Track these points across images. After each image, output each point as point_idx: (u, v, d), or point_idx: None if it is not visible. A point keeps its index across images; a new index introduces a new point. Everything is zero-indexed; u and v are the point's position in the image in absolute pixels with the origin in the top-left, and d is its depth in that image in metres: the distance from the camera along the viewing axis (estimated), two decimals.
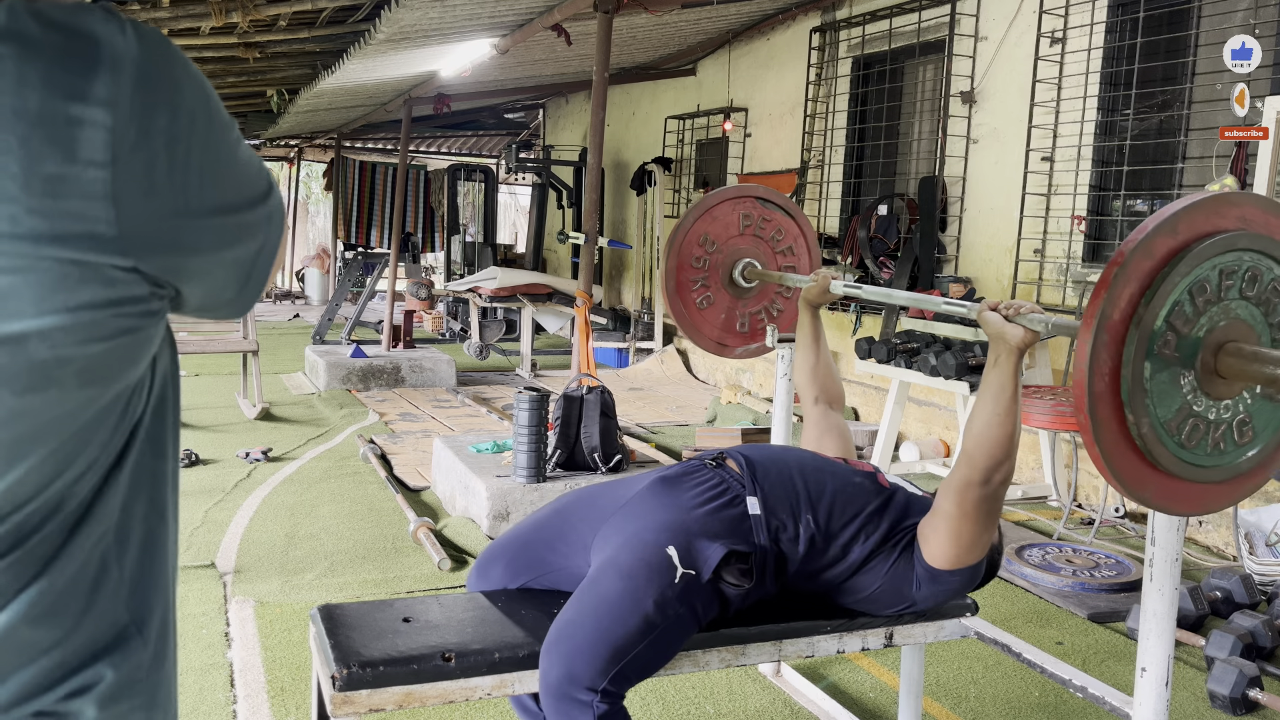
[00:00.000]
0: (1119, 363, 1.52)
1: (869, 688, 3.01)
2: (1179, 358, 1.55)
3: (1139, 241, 1.50)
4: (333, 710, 1.82)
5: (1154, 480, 1.59)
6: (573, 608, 1.95)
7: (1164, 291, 1.50)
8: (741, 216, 3.02)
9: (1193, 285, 1.52)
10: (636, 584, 1.93)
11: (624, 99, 10.59)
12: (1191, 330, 1.55)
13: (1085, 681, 2.06)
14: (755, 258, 3.05)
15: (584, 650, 1.87)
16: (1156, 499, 1.61)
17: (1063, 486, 4.99)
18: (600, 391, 4.35)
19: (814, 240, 3.16)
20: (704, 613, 2.01)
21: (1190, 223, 1.54)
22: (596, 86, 5.15)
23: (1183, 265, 1.50)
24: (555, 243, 11.86)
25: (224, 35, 5.90)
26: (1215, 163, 4.63)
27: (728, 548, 1.99)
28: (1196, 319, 1.54)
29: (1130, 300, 1.51)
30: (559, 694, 1.86)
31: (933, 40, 6.28)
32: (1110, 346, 1.51)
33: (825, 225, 7.28)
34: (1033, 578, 3.85)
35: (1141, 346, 1.51)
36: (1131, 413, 1.52)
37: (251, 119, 10.99)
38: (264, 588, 3.60)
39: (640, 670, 1.93)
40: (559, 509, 2.28)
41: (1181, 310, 1.53)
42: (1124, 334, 1.51)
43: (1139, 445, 1.55)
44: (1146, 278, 1.51)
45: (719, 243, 3.01)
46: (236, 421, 6.45)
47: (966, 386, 4.84)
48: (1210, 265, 1.53)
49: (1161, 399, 1.55)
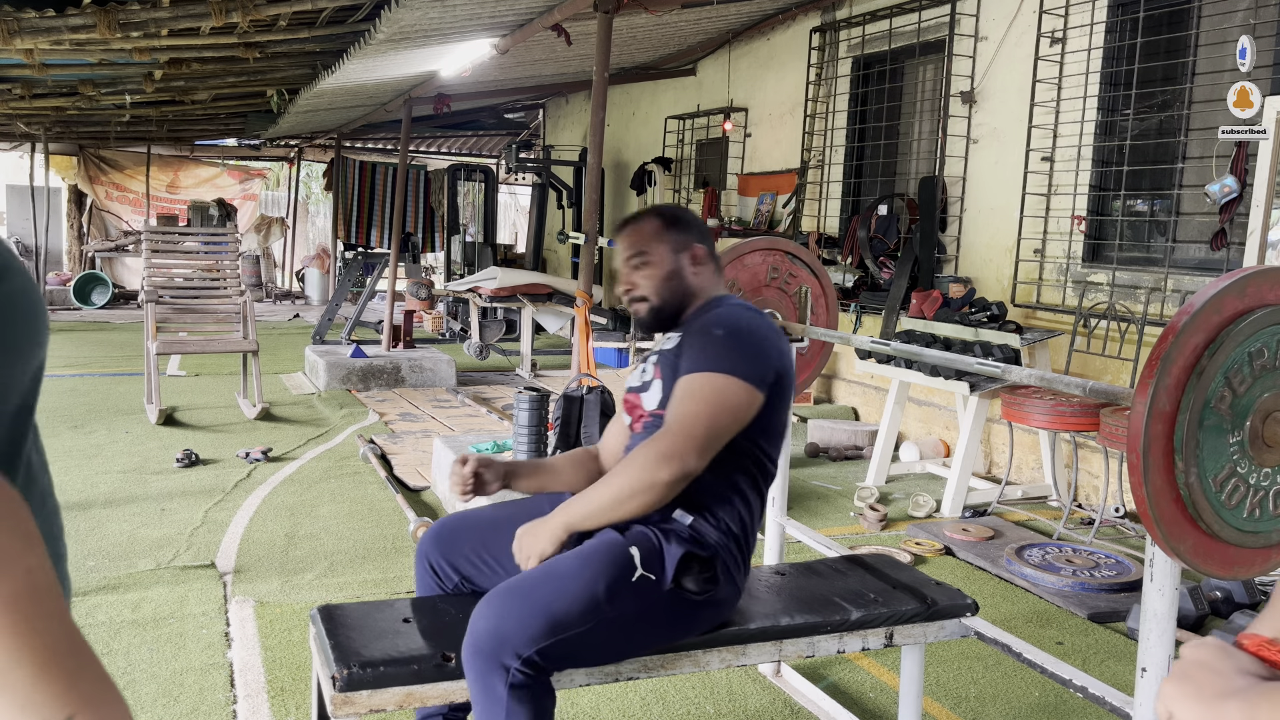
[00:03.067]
0: (1177, 408, 1.54)
1: (869, 688, 3.01)
2: (1232, 416, 1.57)
3: (1209, 297, 1.54)
4: (333, 710, 1.82)
5: (1192, 535, 1.61)
6: (523, 575, 1.92)
7: (1226, 348, 1.54)
8: (770, 269, 3.06)
9: (1252, 349, 1.55)
10: (593, 567, 1.89)
11: (624, 99, 10.59)
12: (1246, 391, 1.57)
13: (1085, 681, 2.06)
14: (778, 309, 3.10)
15: (521, 613, 1.80)
16: (1191, 555, 1.63)
17: (1063, 486, 4.99)
18: (600, 391, 4.35)
19: (834, 301, 3.22)
20: (669, 625, 1.98)
21: (1258, 288, 1.58)
22: (596, 86, 5.15)
23: (1245, 327, 1.54)
24: (555, 243, 11.86)
25: (224, 35, 5.89)
26: (1215, 163, 4.63)
27: (685, 549, 1.96)
28: (1252, 382, 1.57)
29: (1195, 350, 1.55)
30: (480, 650, 1.79)
31: (933, 40, 6.28)
32: (1171, 391, 1.53)
33: (825, 225, 7.28)
34: (1033, 578, 3.85)
35: (1199, 397, 1.54)
36: (1182, 460, 1.54)
37: (251, 119, 10.98)
38: (264, 588, 3.60)
39: (571, 655, 1.86)
40: (536, 501, 2.26)
41: (1240, 370, 1.55)
42: (1185, 381, 1.54)
43: (1183, 495, 1.57)
44: (1213, 330, 1.54)
45: (745, 291, 3.05)
46: (236, 421, 6.45)
47: (967, 386, 4.84)
48: (1271, 333, 1.56)
49: (1210, 454, 1.57)
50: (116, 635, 3.14)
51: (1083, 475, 5.07)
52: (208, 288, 7.46)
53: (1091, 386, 1.95)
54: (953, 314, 5.21)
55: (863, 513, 4.63)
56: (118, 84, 7.95)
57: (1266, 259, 4.05)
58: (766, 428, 2.09)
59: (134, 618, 3.28)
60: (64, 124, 11.68)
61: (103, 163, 15.01)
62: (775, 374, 2.06)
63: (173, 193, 15.53)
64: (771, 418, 2.09)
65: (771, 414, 2.09)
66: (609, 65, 5.20)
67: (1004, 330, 4.93)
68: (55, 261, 15.07)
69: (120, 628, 3.20)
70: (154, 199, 14.89)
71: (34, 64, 6.44)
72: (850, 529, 4.59)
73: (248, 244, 15.30)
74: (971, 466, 4.94)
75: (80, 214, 15.31)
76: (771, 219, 7.96)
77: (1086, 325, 5.01)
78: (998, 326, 4.99)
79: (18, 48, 5.40)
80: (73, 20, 5.08)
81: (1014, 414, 4.55)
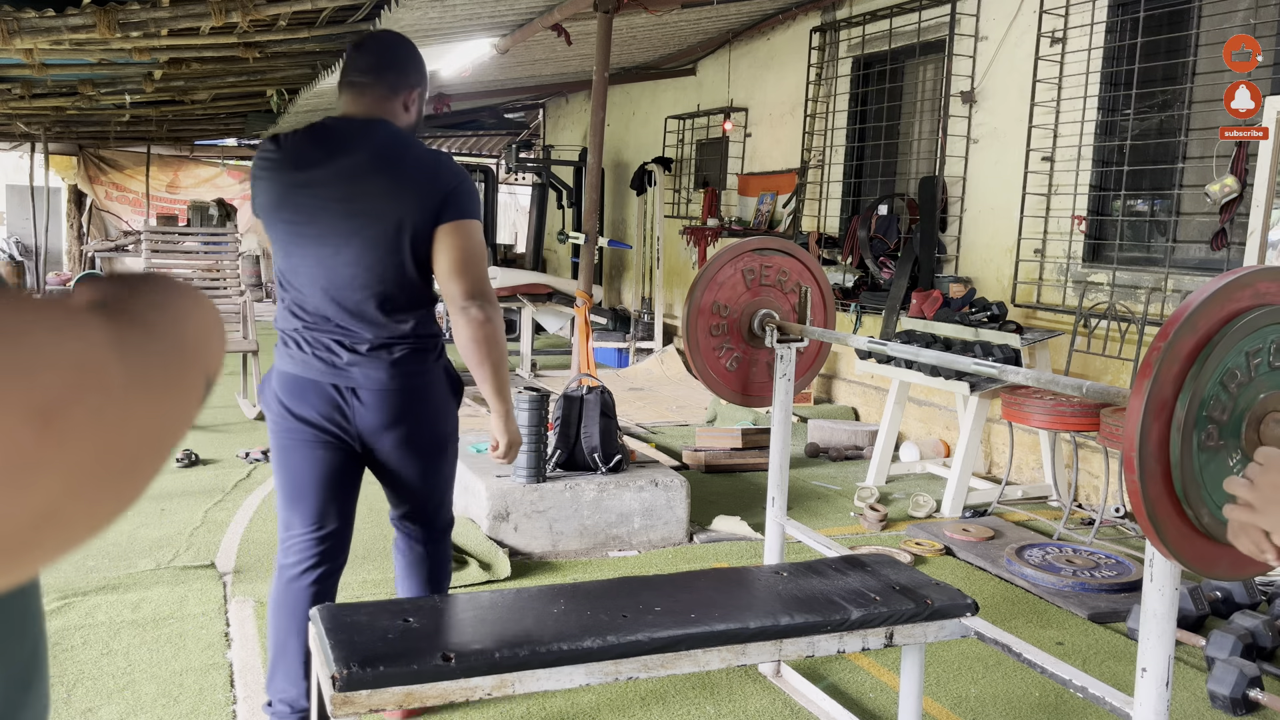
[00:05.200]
0: (1173, 409, 1.56)
1: (869, 688, 3.01)
2: (1228, 417, 1.58)
3: (1205, 298, 1.54)
4: (333, 710, 1.82)
5: (1189, 535, 1.63)
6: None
7: (1221, 349, 1.54)
8: (744, 273, 3.05)
9: (1248, 350, 1.56)
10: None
11: (624, 99, 10.59)
12: (1242, 392, 1.58)
13: (1085, 681, 2.05)
14: (769, 307, 3.10)
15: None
16: (1188, 555, 1.63)
17: (1063, 486, 4.99)
18: (600, 391, 4.35)
19: (819, 271, 3.19)
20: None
21: (1255, 288, 1.58)
22: (596, 86, 5.15)
23: (1242, 327, 1.55)
24: (555, 243, 11.86)
25: (224, 35, 5.89)
26: (1215, 163, 4.63)
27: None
28: (1249, 382, 1.58)
29: (1191, 351, 1.56)
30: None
31: (933, 40, 6.27)
32: (1167, 391, 1.56)
33: (825, 225, 7.28)
34: (1033, 578, 3.85)
35: (1195, 398, 1.55)
36: (1178, 461, 1.55)
37: (251, 119, 10.97)
38: (264, 588, 3.59)
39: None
40: None
41: (1236, 371, 1.56)
42: (1181, 382, 1.56)
43: (1180, 496, 1.58)
44: (1209, 331, 1.55)
45: (731, 306, 3.06)
46: (236, 421, 6.45)
47: (967, 386, 4.84)
48: (1268, 333, 1.56)
49: (1207, 455, 1.58)
50: (116, 635, 3.14)
51: (1083, 475, 5.07)
52: (208, 288, 7.46)
53: (1088, 387, 1.95)
54: (953, 314, 5.21)
55: (863, 513, 4.63)
56: (117, 84, 7.95)
57: (1267, 259, 4.05)
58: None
59: (134, 618, 3.28)
60: (64, 124, 11.68)
61: (102, 163, 15.01)
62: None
63: (172, 193, 15.53)
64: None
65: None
66: (609, 65, 5.20)
67: (1004, 330, 4.93)
68: (55, 261, 15.08)
69: (120, 628, 3.20)
70: (154, 199, 14.89)
71: (34, 64, 6.44)
72: (850, 529, 4.59)
73: (248, 244, 15.28)
74: (971, 466, 4.94)
75: (80, 214, 15.31)
76: (771, 219, 7.96)
77: (1087, 325, 5.01)
78: (998, 326, 4.99)
79: (17, 47, 5.40)
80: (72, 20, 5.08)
81: (1014, 414, 4.55)
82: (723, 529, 4.45)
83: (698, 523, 4.49)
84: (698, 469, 5.45)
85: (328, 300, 2.32)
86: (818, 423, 6.22)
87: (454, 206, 2.31)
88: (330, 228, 2.29)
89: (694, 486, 4.56)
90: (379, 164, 2.30)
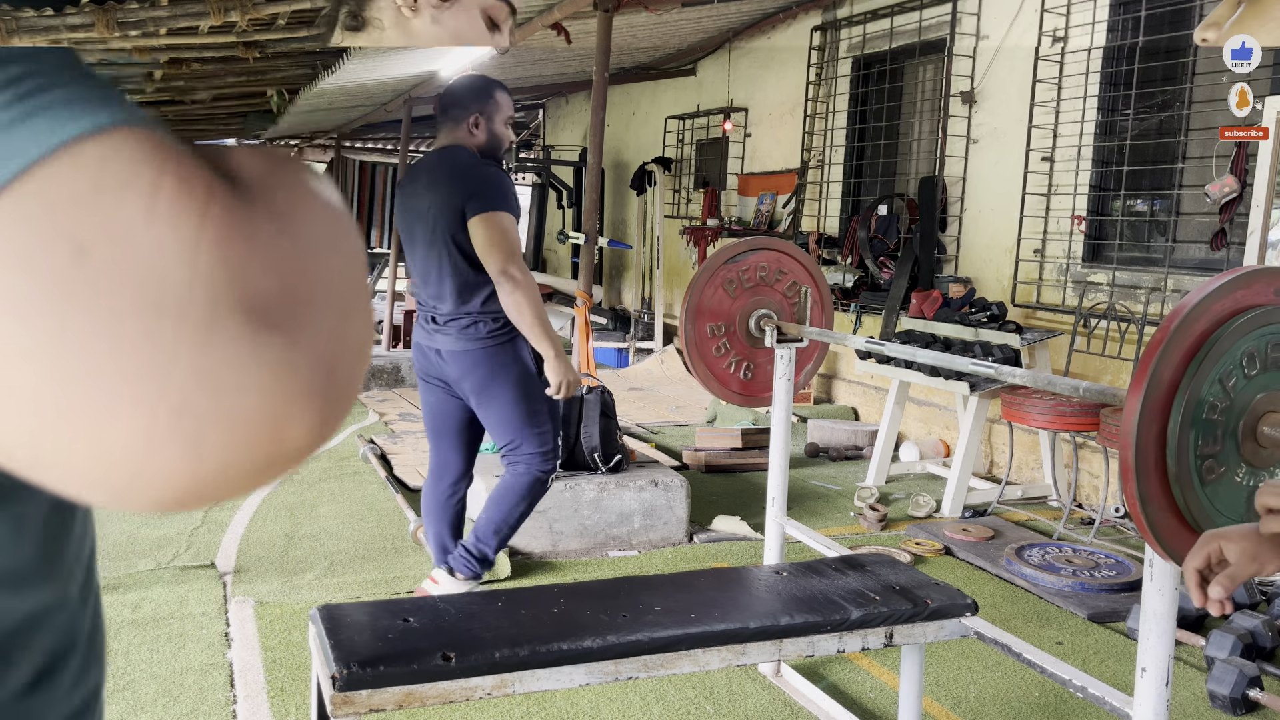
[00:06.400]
0: (1169, 409, 1.56)
1: (869, 688, 3.01)
2: (1225, 418, 1.58)
3: (1202, 298, 1.54)
4: (333, 710, 1.82)
5: (1186, 536, 1.62)
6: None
7: (1218, 350, 1.54)
8: (725, 285, 3.08)
9: (1245, 350, 1.55)
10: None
11: (624, 99, 10.59)
12: (1239, 392, 1.57)
13: (1085, 681, 2.05)
14: (768, 307, 3.11)
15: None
16: (1185, 555, 1.62)
17: (1063, 486, 4.99)
18: (600, 391, 4.35)
19: (817, 271, 3.19)
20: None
21: (1251, 289, 1.58)
22: (596, 86, 5.15)
23: (1238, 328, 1.54)
24: (555, 243, 11.86)
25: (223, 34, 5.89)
26: (1215, 163, 4.63)
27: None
28: (1245, 383, 1.57)
29: (1188, 351, 1.55)
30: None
31: (933, 40, 6.27)
32: (1164, 392, 1.55)
33: (825, 225, 7.28)
34: (1033, 578, 3.85)
35: (1192, 398, 1.54)
36: (1175, 462, 1.55)
37: (251, 119, 10.97)
38: (264, 588, 3.60)
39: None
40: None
41: (1233, 372, 1.55)
42: (1178, 382, 1.56)
43: (1176, 497, 1.58)
44: (1206, 331, 1.55)
45: (724, 319, 3.08)
46: None
47: (966, 386, 4.84)
48: (1265, 334, 1.56)
49: (1204, 455, 1.57)
50: (116, 635, 3.14)
51: (1083, 475, 5.07)
52: None
53: (1086, 387, 1.95)
54: (953, 314, 5.21)
55: (863, 513, 4.63)
56: (117, 84, 7.95)
57: (1266, 259, 4.05)
58: None
59: (134, 618, 3.28)
60: None
61: None
62: None
63: None
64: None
65: None
66: (609, 65, 5.20)
67: (1004, 330, 4.92)
68: None
69: (120, 628, 3.20)
70: None
71: None
72: (850, 529, 4.59)
73: None
74: (971, 466, 4.94)
75: None
76: (771, 219, 7.96)
77: (1086, 325, 5.01)
78: (998, 326, 4.99)
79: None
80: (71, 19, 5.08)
81: (1014, 414, 4.54)
82: (723, 529, 4.46)
83: (698, 523, 4.49)
84: (698, 469, 5.45)
85: (423, 286, 3.22)
86: (818, 423, 6.22)
87: (476, 203, 3.00)
88: (416, 234, 3.17)
89: (694, 486, 4.56)
90: (432, 180, 3.12)
